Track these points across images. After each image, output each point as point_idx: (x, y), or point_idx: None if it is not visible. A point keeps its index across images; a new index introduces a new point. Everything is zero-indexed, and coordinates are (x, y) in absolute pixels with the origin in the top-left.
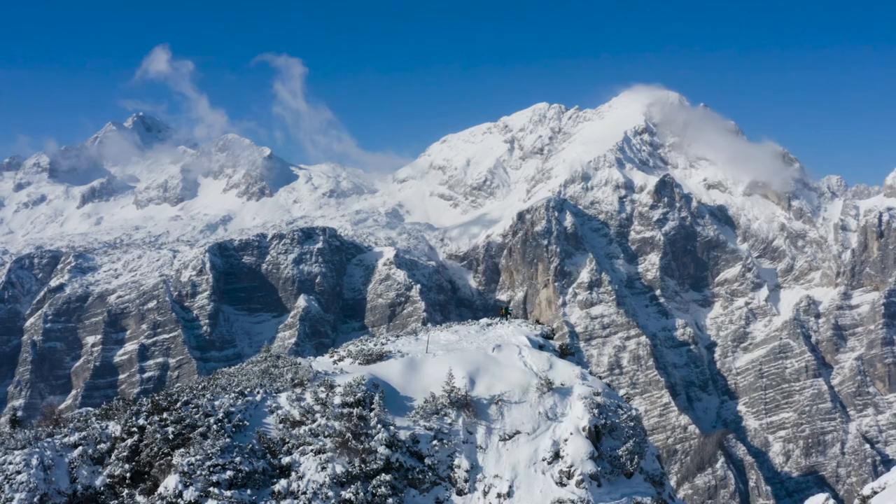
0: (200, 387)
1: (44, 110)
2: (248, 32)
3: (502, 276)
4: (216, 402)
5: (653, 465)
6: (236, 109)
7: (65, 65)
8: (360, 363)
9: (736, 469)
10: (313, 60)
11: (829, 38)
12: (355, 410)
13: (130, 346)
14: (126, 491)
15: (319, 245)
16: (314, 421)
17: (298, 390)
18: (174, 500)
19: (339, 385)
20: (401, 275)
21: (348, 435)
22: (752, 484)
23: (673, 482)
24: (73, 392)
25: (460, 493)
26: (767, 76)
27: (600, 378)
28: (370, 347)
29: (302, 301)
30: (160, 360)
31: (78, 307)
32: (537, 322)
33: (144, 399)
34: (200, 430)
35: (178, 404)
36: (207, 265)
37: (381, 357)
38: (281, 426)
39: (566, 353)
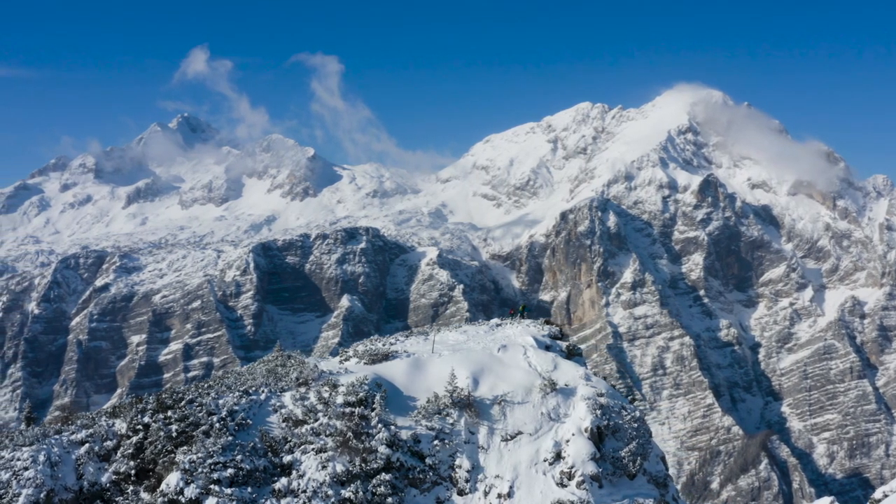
0: (206, 385)
1: (86, 111)
2: (285, 31)
3: (545, 277)
4: (220, 401)
5: (656, 467)
6: (275, 109)
7: (106, 66)
8: (365, 363)
9: (779, 470)
10: (350, 58)
11: (875, 37)
12: (357, 410)
13: (175, 346)
14: (131, 488)
15: (363, 245)
16: (316, 420)
17: (302, 389)
18: (175, 497)
19: (342, 385)
20: (444, 275)
21: (349, 434)
22: (795, 486)
23: (716, 483)
24: (119, 391)
25: (461, 493)
26: (812, 75)
27: (604, 378)
28: (377, 347)
29: (345, 301)
30: (204, 359)
31: (123, 307)
32: (546, 322)
33: (150, 397)
34: (203, 428)
35: (183, 403)
36: (251, 265)
37: (387, 357)
38: (284, 425)
39: (573, 353)
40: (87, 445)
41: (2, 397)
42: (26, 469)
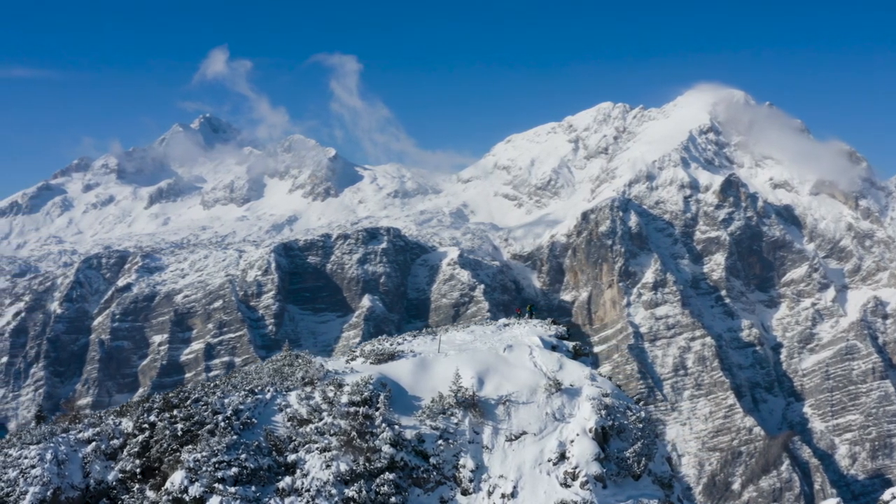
0: (212, 385)
1: (107, 112)
2: (304, 32)
3: (566, 277)
4: (226, 400)
5: (662, 468)
6: (295, 109)
7: (126, 67)
8: (371, 362)
9: (801, 472)
10: (368, 58)
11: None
12: (361, 409)
13: (197, 346)
14: (137, 486)
15: (384, 245)
16: (321, 419)
17: (308, 389)
18: (180, 495)
19: (347, 384)
20: (465, 275)
21: (353, 433)
22: (817, 487)
23: (737, 484)
24: (140, 391)
25: (465, 492)
26: (834, 74)
27: (609, 378)
28: (384, 347)
29: (366, 301)
30: (226, 359)
31: (145, 307)
32: (553, 322)
33: (157, 396)
34: (208, 427)
35: (189, 402)
36: (273, 265)
37: (393, 357)
38: (289, 424)
39: (580, 353)
40: (93, 444)
41: (24, 397)
42: (33, 467)
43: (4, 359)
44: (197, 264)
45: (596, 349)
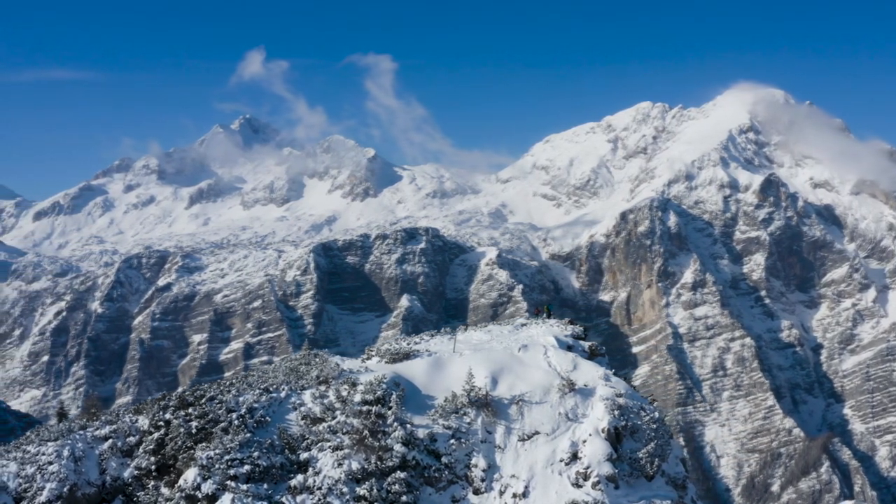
0: (228, 383)
1: (146, 113)
2: (339, 32)
3: (605, 277)
4: (240, 399)
5: (676, 468)
6: (332, 109)
7: (164, 68)
8: (386, 361)
9: (841, 473)
10: (404, 57)
11: None
12: (374, 408)
13: (236, 345)
14: (152, 483)
15: (422, 245)
16: (334, 418)
17: (322, 388)
18: (193, 492)
19: (361, 383)
20: (503, 275)
21: (366, 432)
22: (857, 489)
23: (776, 486)
24: (179, 390)
25: (476, 492)
26: (874, 73)
27: (622, 381)
28: (400, 346)
29: (405, 301)
30: (265, 358)
31: (185, 306)
32: (570, 322)
33: (173, 394)
34: (222, 425)
35: (204, 400)
36: (312, 265)
37: (408, 356)
38: (302, 422)
39: (595, 353)
40: (110, 441)
41: (65, 395)
42: (51, 463)
43: (46, 357)
44: (236, 264)
45: (634, 350)
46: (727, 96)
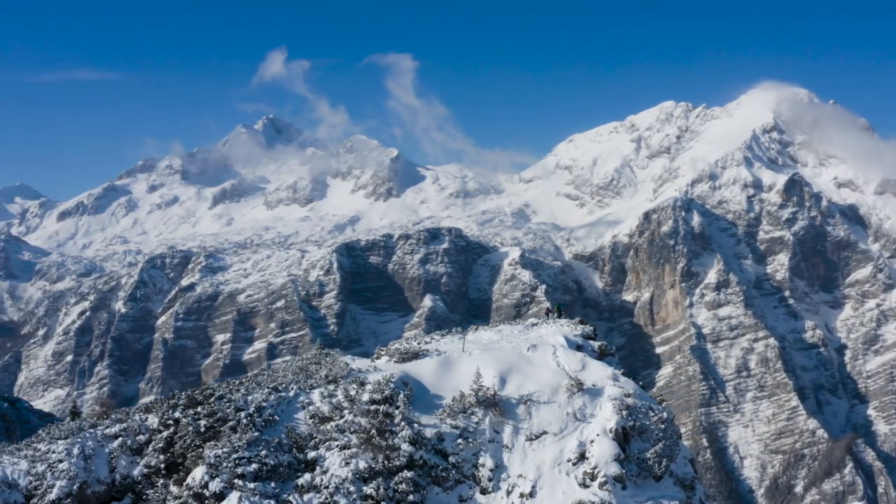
0: (237, 382)
1: (168, 113)
2: (358, 30)
3: (629, 277)
4: (249, 398)
5: (684, 469)
6: (353, 109)
7: (186, 68)
8: (395, 361)
9: (865, 475)
10: (423, 57)
11: None
12: (381, 407)
13: (259, 345)
14: (161, 481)
15: (445, 245)
16: (342, 417)
17: (331, 387)
18: (200, 490)
19: (369, 382)
20: (526, 275)
21: (373, 431)
22: (880, 490)
23: (800, 487)
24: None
25: (484, 491)
26: None
27: (631, 379)
28: (409, 346)
29: (428, 301)
30: (288, 358)
31: (208, 306)
32: (581, 322)
33: (182, 392)
34: (231, 423)
35: (213, 399)
36: (335, 265)
37: (417, 356)
38: (311, 422)
39: (605, 353)
40: (120, 439)
41: (88, 395)
42: (60, 461)
43: (70, 357)
44: (260, 264)
45: (658, 350)
46: (751, 95)
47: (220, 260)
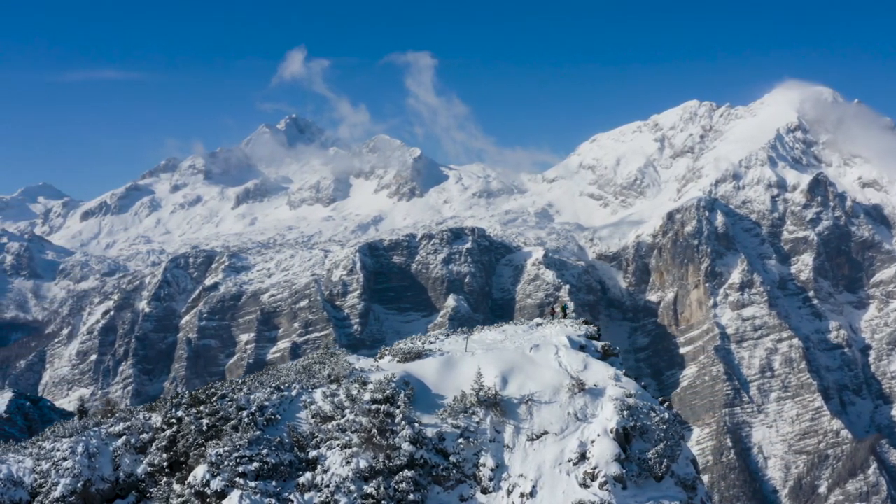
0: (240, 382)
1: (189, 113)
2: (377, 29)
3: (652, 277)
4: (251, 397)
5: (686, 470)
6: (373, 107)
7: (207, 68)
8: (398, 361)
9: (889, 476)
10: (442, 55)
11: None
12: (382, 407)
13: (283, 344)
14: (164, 479)
15: (468, 245)
16: (343, 416)
17: (333, 386)
18: (202, 488)
19: (371, 382)
20: (549, 275)
21: (374, 431)
22: None
23: (824, 488)
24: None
25: (485, 491)
26: None
27: (633, 381)
28: (413, 346)
29: (451, 301)
30: None
31: (232, 306)
32: (585, 323)
33: (185, 392)
34: (232, 422)
35: (215, 398)
36: (358, 265)
37: (420, 355)
38: (312, 421)
39: (608, 353)
40: (124, 438)
41: (113, 394)
42: (65, 459)
43: (94, 357)
44: (283, 264)
45: (682, 350)
46: (775, 95)
47: (244, 259)
